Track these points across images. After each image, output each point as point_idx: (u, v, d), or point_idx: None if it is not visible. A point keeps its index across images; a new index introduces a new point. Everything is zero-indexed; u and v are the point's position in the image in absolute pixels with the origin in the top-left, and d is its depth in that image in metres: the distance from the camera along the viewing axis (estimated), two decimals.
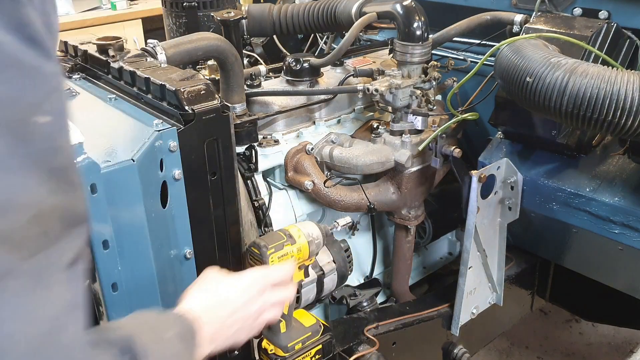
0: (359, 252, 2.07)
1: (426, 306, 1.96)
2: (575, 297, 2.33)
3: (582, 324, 2.97)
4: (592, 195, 1.73)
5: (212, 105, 1.26)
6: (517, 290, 2.20)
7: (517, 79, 1.53)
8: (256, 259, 1.44)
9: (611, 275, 1.90)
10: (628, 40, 1.73)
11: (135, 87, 1.37)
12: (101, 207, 1.09)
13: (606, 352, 2.82)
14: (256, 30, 2.08)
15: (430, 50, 1.83)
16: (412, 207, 1.93)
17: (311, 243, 1.49)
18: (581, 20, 1.76)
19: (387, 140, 1.85)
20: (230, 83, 1.66)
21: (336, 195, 1.79)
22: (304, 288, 1.63)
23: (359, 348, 1.74)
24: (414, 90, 1.79)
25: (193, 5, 2.20)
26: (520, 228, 1.97)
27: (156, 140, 1.19)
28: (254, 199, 1.69)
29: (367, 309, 1.91)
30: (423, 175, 1.89)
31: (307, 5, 2.03)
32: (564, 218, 1.81)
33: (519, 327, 2.47)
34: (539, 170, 1.85)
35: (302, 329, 1.60)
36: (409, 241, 2.00)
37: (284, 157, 1.78)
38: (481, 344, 2.30)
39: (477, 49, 2.11)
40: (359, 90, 1.76)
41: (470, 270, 1.82)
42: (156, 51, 1.54)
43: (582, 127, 1.48)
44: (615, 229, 1.70)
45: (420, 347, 1.97)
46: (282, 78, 1.94)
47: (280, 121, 1.87)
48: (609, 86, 1.38)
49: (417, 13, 1.78)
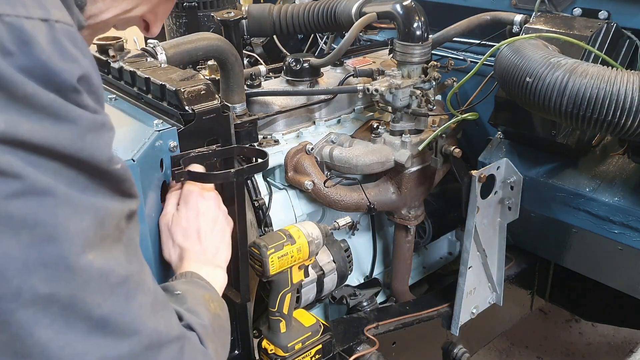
0: (359, 252, 2.07)
1: (426, 306, 1.96)
2: (575, 297, 2.33)
3: (582, 324, 2.97)
4: (592, 195, 1.73)
5: (212, 105, 1.26)
6: (517, 290, 2.20)
7: (517, 79, 1.53)
8: (256, 259, 1.44)
9: (611, 275, 1.90)
10: (628, 40, 1.73)
11: (135, 87, 1.37)
12: None
13: (606, 352, 2.82)
14: (256, 30, 2.08)
15: (430, 50, 1.83)
16: (412, 207, 1.93)
17: (311, 243, 1.49)
18: (581, 20, 1.76)
19: (387, 140, 1.85)
20: (230, 83, 1.66)
21: (336, 195, 1.79)
22: (304, 288, 1.63)
23: (359, 348, 1.74)
24: (413, 90, 1.79)
25: (193, 5, 2.21)
26: (520, 228, 1.97)
27: (156, 140, 1.19)
28: (254, 199, 1.69)
29: (367, 309, 1.91)
30: (423, 175, 1.89)
31: (307, 5, 2.03)
32: (563, 218, 1.81)
33: (518, 327, 2.47)
34: (539, 170, 1.86)
35: (302, 329, 1.60)
36: (409, 241, 2.00)
37: (284, 157, 1.78)
38: (481, 344, 2.30)
39: (477, 49, 2.11)
40: (359, 90, 1.77)
41: (470, 270, 1.82)
42: (156, 51, 1.54)
43: (582, 127, 1.48)
44: (615, 229, 1.70)
45: (420, 347, 1.97)
46: (282, 78, 1.95)
47: (280, 121, 1.87)
48: (608, 86, 1.38)
49: (417, 13, 1.78)
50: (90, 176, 0.69)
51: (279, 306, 1.53)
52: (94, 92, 0.71)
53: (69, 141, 0.65)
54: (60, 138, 0.65)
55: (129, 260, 0.73)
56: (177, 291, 1.01)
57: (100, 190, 0.70)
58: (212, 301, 1.04)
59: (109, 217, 0.71)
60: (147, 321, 0.72)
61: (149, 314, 0.73)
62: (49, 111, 0.64)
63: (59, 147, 0.65)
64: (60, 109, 0.65)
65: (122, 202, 0.74)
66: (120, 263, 0.71)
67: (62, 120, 0.65)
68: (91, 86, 0.70)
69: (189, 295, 1.01)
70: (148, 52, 1.53)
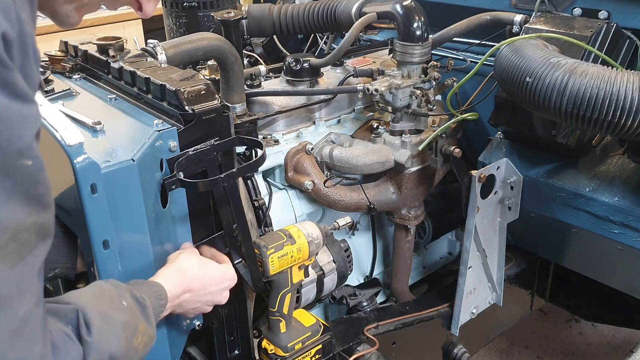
0: (359, 252, 2.07)
1: (426, 306, 1.96)
2: (574, 297, 2.33)
3: (582, 324, 2.97)
4: (591, 195, 1.73)
5: (212, 105, 1.26)
6: (516, 290, 2.20)
7: (517, 79, 1.53)
8: (256, 259, 1.44)
9: (611, 275, 1.90)
10: (628, 40, 1.73)
11: (135, 87, 1.37)
12: (101, 207, 1.10)
13: (606, 352, 2.82)
14: (256, 30, 2.08)
15: (430, 50, 1.83)
16: (412, 207, 1.93)
17: (311, 243, 1.49)
18: (581, 21, 1.76)
19: (387, 140, 1.85)
20: (230, 83, 1.66)
21: (336, 195, 1.79)
22: (304, 288, 1.63)
23: (358, 348, 1.74)
24: (413, 90, 1.79)
25: (193, 5, 2.20)
26: (520, 228, 1.97)
27: (156, 140, 1.19)
28: (254, 199, 1.69)
29: (367, 309, 1.91)
30: (423, 175, 1.89)
31: (307, 5, 2.03)
32: (563, 218, 1.81)
33: (518, 327, 2.47)
34: (539, 170, 1.86)
35: (302, 329, 1.60)
36: (409, 241, 2.00)
37: (284, 157, 1.78)
38: (481, 344, 2.30)
39: (477, 49, 2.11)
40: (359, 90, 1.77)
41: (470, 270, 1.82)
42: (156, 51, 1.54)
43: (582, 127, 1.48)
44: (614, 229, 1.70)
45: (420, 347, 1.97)
46: (282, 78, 1.95)
47: (280, 121, 1.87)
48: (608, 86, 1.38)
49: (417, 13, 1.78)
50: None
51: (279, 306, 1.53)
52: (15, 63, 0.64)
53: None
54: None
55: (8, 279, 0.68)
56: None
57: (1, 190, 0.63)
58: (143, 335, 1.00)
59: (4, 224, 0.64)
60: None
61: (3, 340, 0.70)
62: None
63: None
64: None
65: (27, 210, 0.67)
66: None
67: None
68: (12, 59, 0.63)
69: (125, 323, 0.97)
70: (148, 52, 1.53)
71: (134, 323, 0.98)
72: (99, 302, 0.95)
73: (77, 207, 1.09)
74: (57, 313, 0.86)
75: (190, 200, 1.29)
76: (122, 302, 0.99)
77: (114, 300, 0.98)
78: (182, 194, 1.27)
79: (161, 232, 1.25)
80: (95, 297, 0.96)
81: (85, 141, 1.07)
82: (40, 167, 0.68)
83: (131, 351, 0.95)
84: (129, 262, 1.18)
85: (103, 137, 1.19)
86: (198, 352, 1.57)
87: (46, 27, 3.02)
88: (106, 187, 1.09)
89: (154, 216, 1.21)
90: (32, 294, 0.73)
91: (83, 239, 1.18)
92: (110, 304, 0.97)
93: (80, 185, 1.06)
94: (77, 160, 1.05)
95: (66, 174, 1.07)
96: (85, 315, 0.87)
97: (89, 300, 0.92)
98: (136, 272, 1.19)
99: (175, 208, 1.27)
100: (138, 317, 1.00)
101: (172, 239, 1.29)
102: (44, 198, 0.69)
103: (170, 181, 1.20)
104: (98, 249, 1.12)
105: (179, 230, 1.30)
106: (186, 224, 1.31)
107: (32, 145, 0.67)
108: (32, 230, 0.69)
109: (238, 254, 1.37)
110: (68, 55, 1.60)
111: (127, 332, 0.94)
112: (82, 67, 1.55)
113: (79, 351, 0.84)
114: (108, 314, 0.93)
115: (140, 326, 0.99)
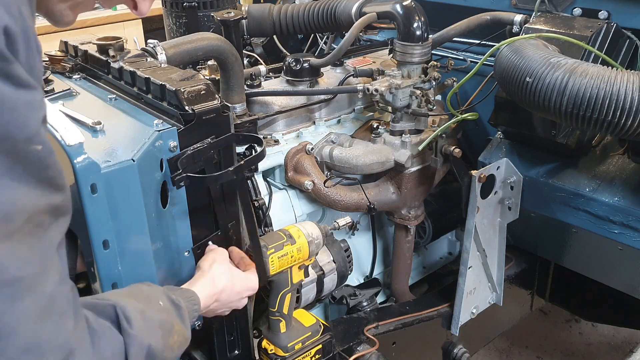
0: (359, 252, 2.07)
1: (426, 306, 1.96)
2: (575, 297, 2.33)
3: (582, 324, 2.97)
4: (591, 195, 1.73)
5: (212, 105, 1.26)
6: (516, 290, 2.20)
7: (517, 79, 1.53)
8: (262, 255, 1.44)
9: (611, 275, 1.90)
10: (628, 40, 1.73)
11: (135, 87, 1.37)
12: (101, 207, 1.10)
13: (606, 352, 2.82)
14: (256, 30, 2.08)
15: (430, 50, 1.83)
16: (412, 207, 1.93)
17: (311, 243, 1.49)
18: (581, 21, 1.76)
19: (387, 140, 1.85)
20: (230, 83, 1.66)
21: (336, 195, 1.79)
22: (304, 288, 1.63)
23: (359, 348, 1.74)
24: (413, 90, 1.79)
25: (193, 5, 2.20)
26: (520, 228, 1.97)
27: (156, 140, 1.19)
28: (254, 199, 1.69)
29: (367, 309, 1.91)
30: (423, 175, 1.89)
31: (307, 5, 2.03)
32: (563, 218, 1.81)
33: (518, 327, 2.47)
34: (539, 170, 1.86)
35: (302, 329, 1.60)
36: (409, 241, 2.00)
37: (284, 157, 1.78)
38: (481, 344, 2.30)
39: (477, 49, 2.11)
40: (359, 90, 1.77)
41: (470, 270, 1.82)
42: (156, 51, 1.54)
43: (582, 127, 1.48)
44: (614, 229, 1.70)
45: (420, 347, 1.97)
46: (282, 78, 1.95)
47: (280, 121, 1.87)
48: (608, 86, 1.38)
49: (417, 13, 1.78)
50: (1, 155, 0.63)
51: (279, 306, 1.53)
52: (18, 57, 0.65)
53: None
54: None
55: (30, 260, 0.69)
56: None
57: (13, 175, 0.64)
58: (178, 335, 1.03)
59: (19, 207, 0.66)
60: (28, 325, 0.69)
61: (34, 319, 0.70)
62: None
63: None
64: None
65: (40, 192, 0.68)
66: (16, 262, 0.67)
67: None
68: (15, 52, 0.64)
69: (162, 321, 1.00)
70: (148, 52, 1.53)
71: (170, 323, 1.02)
72: (136, 300, 0.97)
73: (77, 207, 1.08)
74: (95, 308, 0.88)
75: (190, 199, 1.29)
76: (158, 302, 1.03)
77: (150, 300, 1.02)
78: (182, 194, 1.27)
79: (161, 232, 1.25)
80: (133, 296, 0.99)
81: (85, 141, 1.07)
82: (50, 151, 0.69)
83: (167, 349, 0.98)
84: (129, 262, 1.18)
85: (103, 137, 1.19)
86: (198, 352, 1.57)
87: (46, 27, 3.03)
88: (106, 187, 1.09)
89: (154, 216, 1.21)
90: (56, 272, 0.74)
91: (83, 239, 1.18)
92: (147, 303, 1.00)
93: (80, 185, 1.06)
94: (77, 160, 1.05)
95: (66, 173, 1.06)
96: (125, 310, 0.90)
97: (127, 299, 0.95)
98: (136, 272, 1.19)
99: (175, 208, 1.27)
100: (174, 318, 1.04)
101: (172, 238, 1.29)
102: (55, 180, 0.71)
103: (179, 177, 1.20)
104: (98, 249, 1.12)
105: (179, 230, 1.30)
106: (186, 223, 1.31)
107: (40, 131, 0.68)
108: (46, 212, 0.70)
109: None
110: (68, 55, 1.60)
111: (163, 330, 0.98)
112: (82, 67, 1.55)
113: (120, 341, 0.86)
114: (145, 311, 0.96)
115: (176, 326, 1.03)
